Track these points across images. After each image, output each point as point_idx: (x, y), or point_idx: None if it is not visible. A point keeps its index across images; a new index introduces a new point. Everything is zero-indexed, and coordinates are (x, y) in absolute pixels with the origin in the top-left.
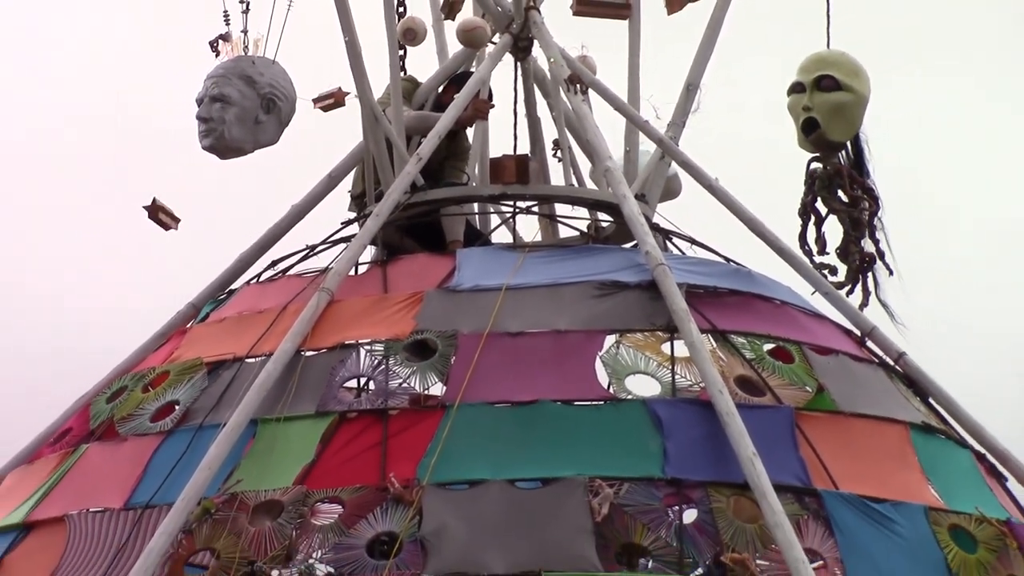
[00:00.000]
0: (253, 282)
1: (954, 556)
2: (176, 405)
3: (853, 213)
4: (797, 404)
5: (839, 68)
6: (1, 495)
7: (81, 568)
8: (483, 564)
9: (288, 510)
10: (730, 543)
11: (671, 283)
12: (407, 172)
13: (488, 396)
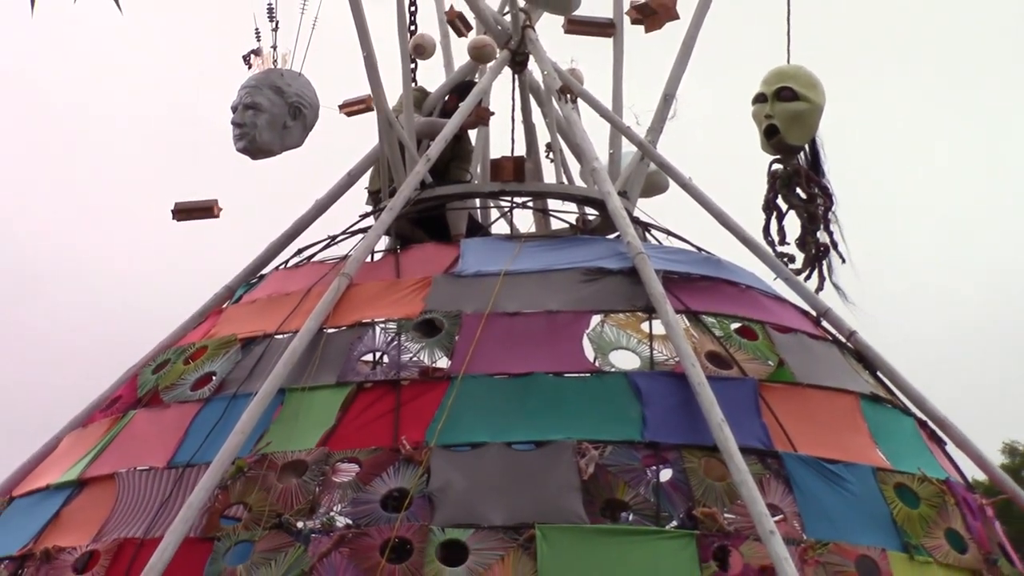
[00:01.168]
0: (281, 268)
1: (899, 511)
2: (213, 376)
3: (810, 208)
4: (760, 376)
5: (797, 81)
6: (58, 455)
7: (129, 520)
8: (483, 517)
9: (312, 469)
10: (701, 499)
11: (649, 270)
12: (417, 171)
13: (488, 369)
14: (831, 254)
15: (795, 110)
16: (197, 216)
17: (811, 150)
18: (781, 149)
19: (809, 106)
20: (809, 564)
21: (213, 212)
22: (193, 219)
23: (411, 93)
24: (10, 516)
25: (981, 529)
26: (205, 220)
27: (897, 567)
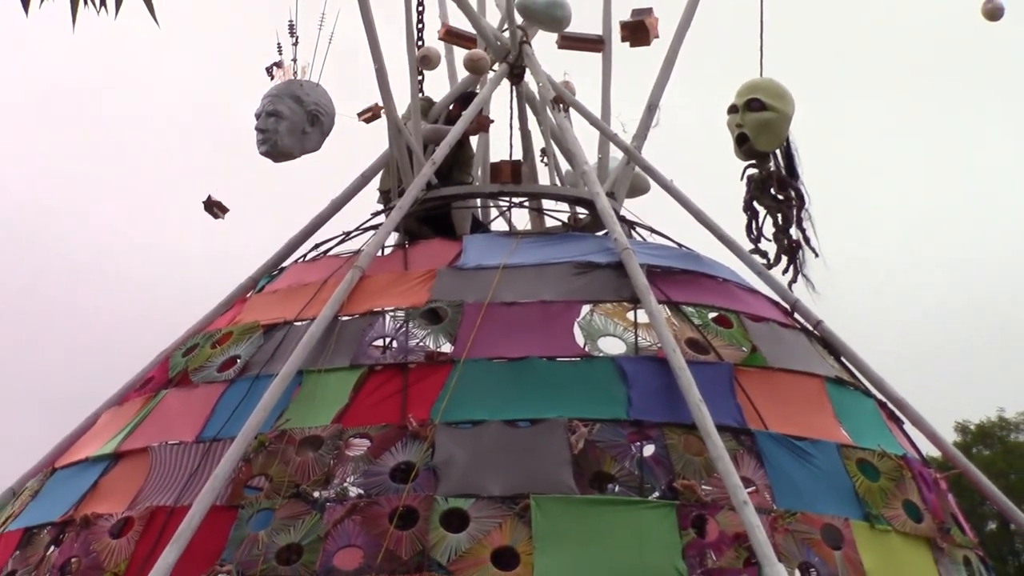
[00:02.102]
0: (300, 261)
1: (861, 484)
2: (238, 359)
3: (782, 208)
4: (735, 361)
5: (765, 92)
6: (97, 431)
7: (160, 489)
8: (483, 487)
9: (327, 444)
10: (681, 472)
11: (635, 264)
12: (424, 173)
13: (488, 353)
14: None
15: (763, 119)
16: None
17: (786, 154)
18: (752, 155)
19: (776, 115)
20: (779, 532)
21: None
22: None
23: (418, 102)
24: (53, 486)
25: (935, 500)
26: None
27: (859, 535)
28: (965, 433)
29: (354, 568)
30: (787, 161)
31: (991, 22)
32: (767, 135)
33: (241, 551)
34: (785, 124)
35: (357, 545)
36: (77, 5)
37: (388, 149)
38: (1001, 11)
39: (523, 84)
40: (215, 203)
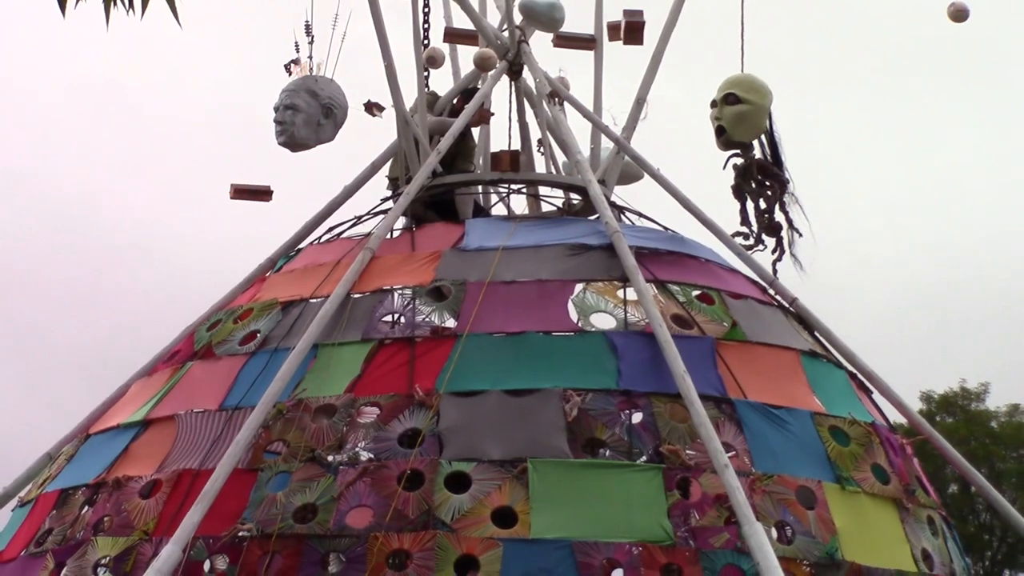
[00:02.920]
0: (315, 243)
1: (832, 448)
2: (258, 333)
3: (764, 193)
4: (717, 335)
5: (740, 87)
6: (127, 400)
7: (187, 454)
8: (484, 452)
9: (340, 412)
10: (667, 438)
11: (624, 246)
12: (429, 162)
13: (488, 328)
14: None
15: (738, 112)
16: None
17: (770, 143)
18: (730, 146)
19: (751, 107)
20: (757, 493)
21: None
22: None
23: (424, 97)
24: (87, 450)
25: (901, 464)
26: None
27: (831, 496)
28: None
29: (365, 526)
30: (771, 149)
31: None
32: (743, 126)
33: (261, 511)
34: (760, 115)
35: (368, 505)
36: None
37: (396, 140)
38: (966, 13)
39: (521, 80)
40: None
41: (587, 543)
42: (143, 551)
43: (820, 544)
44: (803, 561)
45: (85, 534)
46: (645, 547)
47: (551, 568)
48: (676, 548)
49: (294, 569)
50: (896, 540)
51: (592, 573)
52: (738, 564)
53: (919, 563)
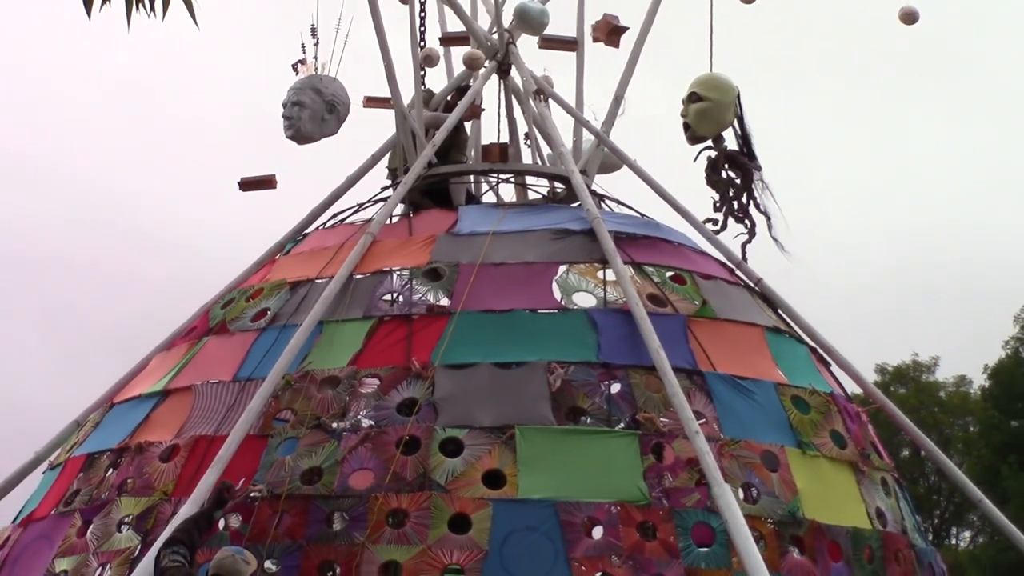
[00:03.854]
0: (320, 228)
1: (794, 416)
2: (268, 311)
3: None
4: (688, 313)
5: (702, 86)
6: (148, 371)
7: (203, 421)
8: (475, 419)
9: (343, 383)
10: (642, 407)
11: (604, 231)
12: (425, 154)
13: (479, 306)
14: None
15: (700, 109)
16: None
17: (740, 134)
18: (696, 140)
19: (711, 104)
20: (725, 457)
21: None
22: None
23: (421, 94)
24: (111, 418)
25: (857, 431)
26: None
27: (793, 460)
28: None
29: (366, 487)
30: (742, 141)
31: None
32: (705, 122)
33: (271, 473)
34: (721, 111)
35: (369, 468)
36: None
37: (395, 133)
38: (916, 16)
39: (510, 78)
40: (251, 182)
41: (570, 503)
42: (163, 510)
43: (783, 504)
44: (767, 519)
45: (110, 495)
46: (623, 507)
47: (537, 526)
48: (651, 507)
49: (301, 527)
50: (852, 500)
51: (574, 531)
52: (708, 522)
53: (873, 521)
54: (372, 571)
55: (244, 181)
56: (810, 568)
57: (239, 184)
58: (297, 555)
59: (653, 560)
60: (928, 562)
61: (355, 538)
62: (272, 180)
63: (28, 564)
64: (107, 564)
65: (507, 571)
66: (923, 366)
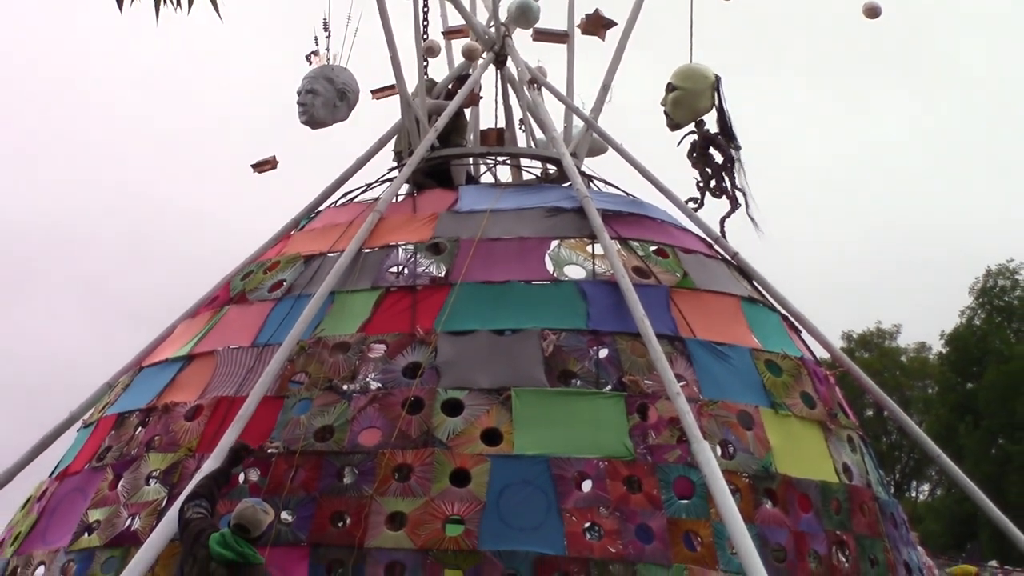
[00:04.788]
0: (332, 206)
1: (767, 379)
2: (284, 282)
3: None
4: (670, 284)
5: (677, 76)
6: (174, 337)
7: (224, 383)
8: (474, 382)
9: (353, 348)
10: (628, 370)
11: (592, 208)
12: (428, 138)
13: (478, 278)
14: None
15: (675, 97)
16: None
17: (719, 118)
18: (675, 126)
19: (684, 93)
20: (704, 416)
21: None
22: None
23: (424, 83)
24: (140, 380)
25: (825, 392)
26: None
27: (766, 419)
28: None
29: (374, 444)
30: (721, 124)
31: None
32: (679, 110)
33: (287, 431)
34: (694, 99)
35: (377, 426)
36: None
37: (400, 119)
38: (879, 10)
39: (506, 68)
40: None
41: (561, 458)
42: (187, 465)
43: (757, 459)
44: (743, 473)
45: (139, 451)
46: (610, 462)
47: (531, 479)
48: (636, 462)
49: (315, 480)
50: (821, 455)
51: (565, 484)
52: (688, 476)
53: (840, 475)
54: (379, 521)
55: (255, 164)
56: (782, 519)
57: (252, 167)
58: (311, 506)
59: (638, 511)
60: (890, 513)
61: (364, 491)
62: (273, 160)
63: (64, 515)
64: (136, 515)
65: (504, 522)
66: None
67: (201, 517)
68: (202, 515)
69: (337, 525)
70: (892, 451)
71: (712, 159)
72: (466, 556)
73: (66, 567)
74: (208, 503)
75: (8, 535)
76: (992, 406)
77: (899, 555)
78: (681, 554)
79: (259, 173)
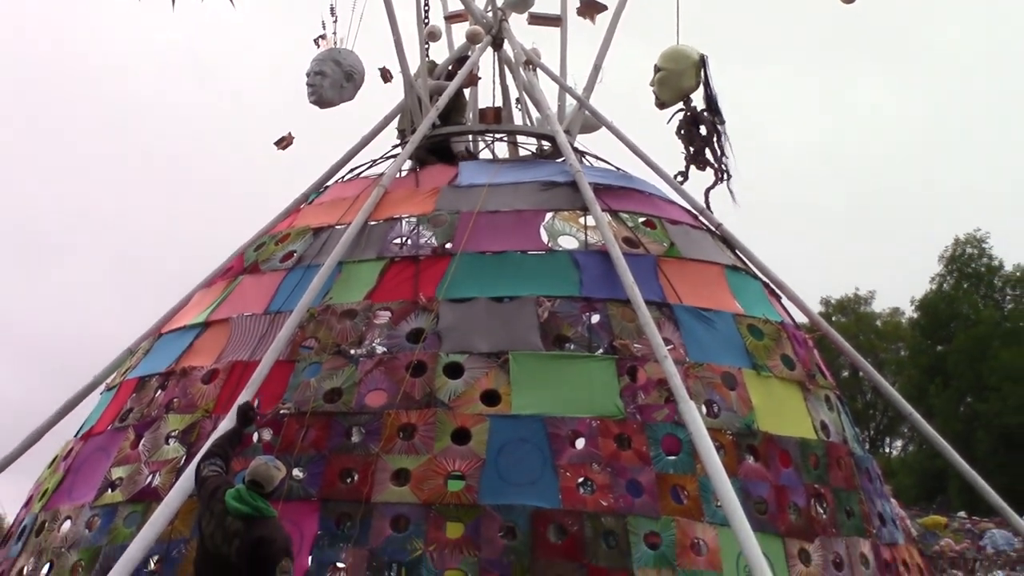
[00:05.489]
0: (339, 181)
1: (750, 342)
2: (294, 253)
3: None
4: (658, 253)
5: (662, 58)
6: (191, 305)
7: (238, 348)
8: (474, 346)
9: (360, 315)
10: (619, 334)
11: (584, 182)
12: (430, 117)
13: (477, 248)
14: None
15: (659, 78)
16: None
17: (706, 96)
18: (662, 105)
19: (667, 73)
20: (690, 378)
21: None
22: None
23: (425, 64)
24: (160, 346)
25: (804, 354)
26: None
27: (749, 380)
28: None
29: (380, 405)
30: (708, 102)
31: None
32: (664, 89)
33: (298, 393)
34: (677, 78)
35: (382, 388)
36: None
37: (403, 99)
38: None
39: (502, 51)
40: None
41: (556, 418)
42: (204, 425)
43: (740, 417)
44: (727, 431)
45: (159, 412)
46: (602, 421)
47: (528, 438)
48: (626, 421)
49: (324, 439)
50: (800, 414)
51: (560, 442)
52: (675, 434)
53: (818, 432)
54: (385, 478)
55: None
56: (764, 473)
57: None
58: (321, 463)
59: (628, 467)
60: (865, 467)
61: (371, 449)
62: (289, 136)
63: (88, 472)
64: (156, 472)
65: (502, 477)
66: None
67: (216, 474)
68: (217, 472)
69: (345, 481)
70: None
71: (697, 134)
72: (467, 510)
73: (91, 521)
74: (222, 461)
75: (36, 491)
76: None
77: (873, 507)
78: (669, 507)
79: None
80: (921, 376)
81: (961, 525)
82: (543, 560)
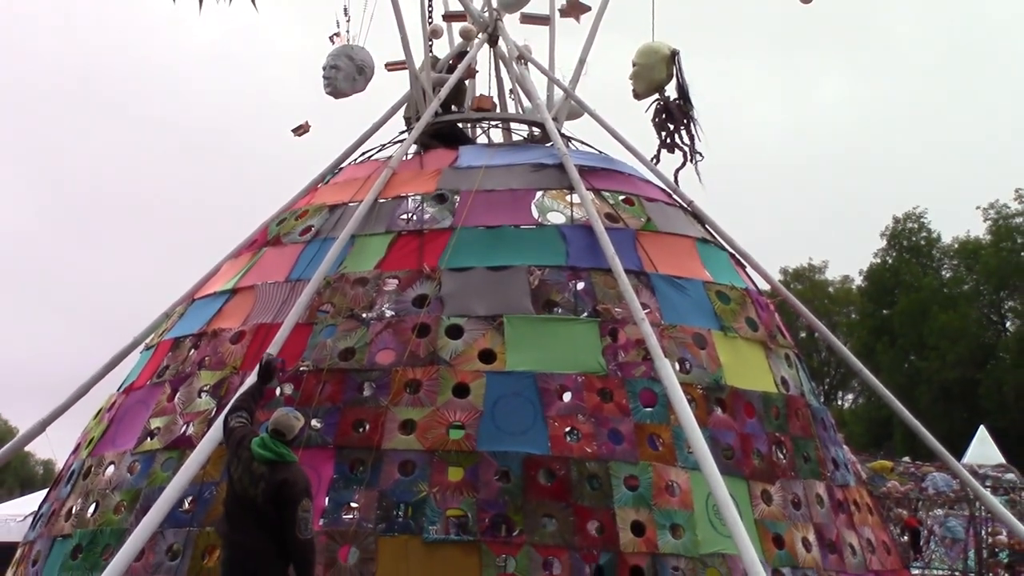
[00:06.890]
0: (352, 163)
1: (718, 307)
2: (312, 227)
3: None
4: (636, 227)
5: (636, 54)
6: (221, 274)
7: (263, 312)
8: (472, 310)
9: (370, 282)
10: (601, 300)
11: (571, 164)
12: (432, 106)
13: (475, 223)
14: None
15: (635, 72)
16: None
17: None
18: (638, 96)
19: (640, 67)
20: (665, 338)
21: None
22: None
23: (429, 59)
24: (193, 310)
25: (766, 317)
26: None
27: (717, 340)
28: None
29: (389, 363)
30: (679, 92)
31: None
32: (638, 82)
33: (315, 352)
34: (649, 72)
35: (391, 348)
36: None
37: (409, 90)
38: None
39: (497, 47)
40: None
41: (545, 374)
42: (232, 381)
43: (709, 374)
44: (697, 386)
45: (192, 369)
46: (586, 376)
47: (520, 392)
48: (608, 377)
49: (339, 393)
50: (763, 371)
51: (549, 395)
52: (652, 388)
53: (779, 386)
54: (393, 428)
55: (294, 129)
56: (730, 423)
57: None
58: (336, 415)
59: (610, 418)
60: (820, 418)
61: (380, 402)
62: (306, 124)
63: (130, 422)
64: (190, 423)
65: (497, 427)
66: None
67: (242, 425)
68: (243, 423)
69: (358, 431)
70: (822, 367)
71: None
72: (466, 456)
73: (131, 466)
74: (247, 414)
75: (84, 439)
76: (904, 328)
77: (828, 453)
78: (646, 453)
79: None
80: (869, 336)
81: (905, 469)
82: (534, 501)
